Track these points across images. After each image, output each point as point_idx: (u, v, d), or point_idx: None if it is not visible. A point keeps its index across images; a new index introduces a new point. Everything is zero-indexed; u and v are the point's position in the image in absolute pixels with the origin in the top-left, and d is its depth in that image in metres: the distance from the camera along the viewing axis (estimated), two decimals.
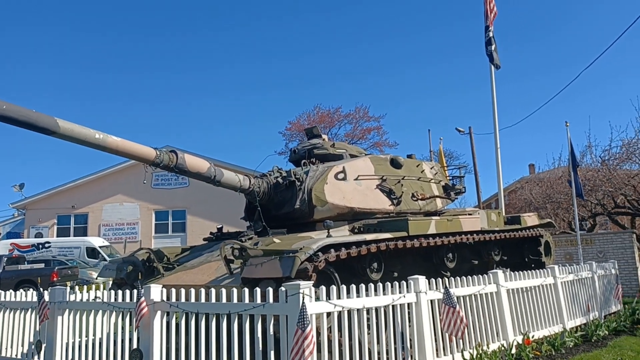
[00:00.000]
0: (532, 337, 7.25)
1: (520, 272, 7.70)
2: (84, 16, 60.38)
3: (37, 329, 6.60)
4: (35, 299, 6.89)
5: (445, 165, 14.11)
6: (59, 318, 6.40)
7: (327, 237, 6.02)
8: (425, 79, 66.24)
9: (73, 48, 58.98)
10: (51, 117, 5.30)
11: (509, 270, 8.43)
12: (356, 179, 7.81)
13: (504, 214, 10.09)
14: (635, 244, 13.81)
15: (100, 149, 5.74)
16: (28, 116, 5.10)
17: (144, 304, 5.38)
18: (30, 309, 6.99)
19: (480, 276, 6.85)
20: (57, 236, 28.91)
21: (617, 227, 19.12)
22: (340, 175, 7.69)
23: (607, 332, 8.08)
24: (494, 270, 7.23)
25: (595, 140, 42.70)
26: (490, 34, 13.76)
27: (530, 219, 10.08)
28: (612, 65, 68.61)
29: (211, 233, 8.27)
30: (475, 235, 8.23)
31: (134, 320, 5.45)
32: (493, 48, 13.75)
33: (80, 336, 6.35)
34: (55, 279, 17.57)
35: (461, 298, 6.36)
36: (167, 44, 62.79)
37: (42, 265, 19.64)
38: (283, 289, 4.79)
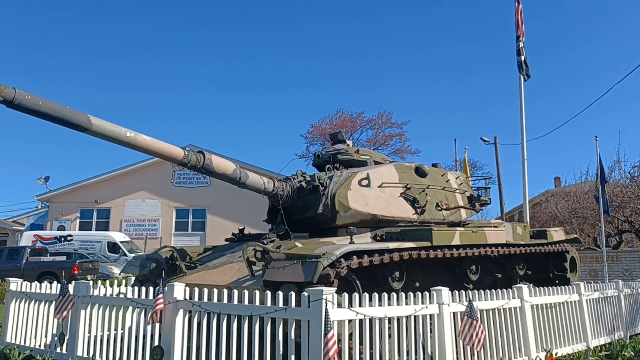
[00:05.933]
0: (555, 354, 7.08)
1: (545, 288, 7.55)
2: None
3: (61, 321, 6.68)
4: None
5: (469, 175, 13.94)
6: (82, 312, 6.49)
7: (349, 243, 5.98)
8: (450, 91, 65.77)
9: (96, 32, 59.97)
10: (84, 114, 5.38)
11: (532, 285, 8.28)
12: (380, 186, 7.76)
13: (529, 227, 9.93)
14: None
15: (130, 147, 5.81)
16: (62, 112, 5.20)
17: (161, 300, 5.41)
18: (55, 301, 7.10)
19: (504, 290, 6.74)
20: (79, 230, 29.33)
21: None
22: (364, 182, 7.66)
23: (632, 354, 7.85)
24: (519, 285, 7.10)
25: (625, 156, 41.61)
26: (521, 44, 13.64)
27: (557, 233, 9.89)
28: None
29: (233, 234, 8.30)
30: (500, 248, 8.10)
31: (148, 315, 5.49)
32: (523, 58, 13.63)
33: (102, 330, 6.43)
34: (76, 272, 17.83)
35: (484, 312, 6.26)
36: (189, 34, 63.26)
37: (64, 258, 19.99)
38: (306, 294, 4.77)
